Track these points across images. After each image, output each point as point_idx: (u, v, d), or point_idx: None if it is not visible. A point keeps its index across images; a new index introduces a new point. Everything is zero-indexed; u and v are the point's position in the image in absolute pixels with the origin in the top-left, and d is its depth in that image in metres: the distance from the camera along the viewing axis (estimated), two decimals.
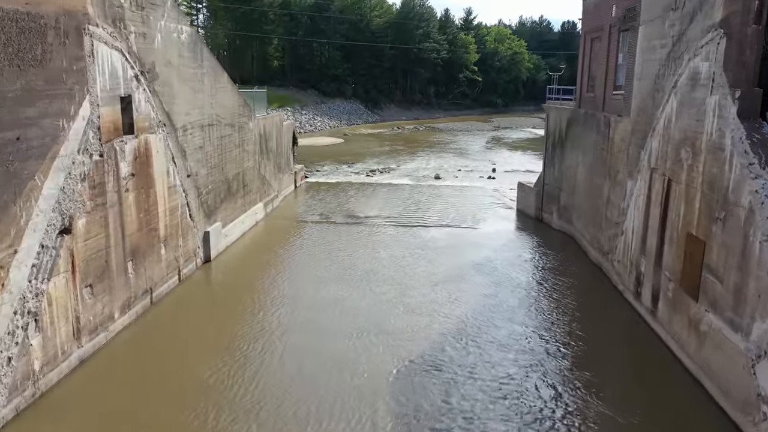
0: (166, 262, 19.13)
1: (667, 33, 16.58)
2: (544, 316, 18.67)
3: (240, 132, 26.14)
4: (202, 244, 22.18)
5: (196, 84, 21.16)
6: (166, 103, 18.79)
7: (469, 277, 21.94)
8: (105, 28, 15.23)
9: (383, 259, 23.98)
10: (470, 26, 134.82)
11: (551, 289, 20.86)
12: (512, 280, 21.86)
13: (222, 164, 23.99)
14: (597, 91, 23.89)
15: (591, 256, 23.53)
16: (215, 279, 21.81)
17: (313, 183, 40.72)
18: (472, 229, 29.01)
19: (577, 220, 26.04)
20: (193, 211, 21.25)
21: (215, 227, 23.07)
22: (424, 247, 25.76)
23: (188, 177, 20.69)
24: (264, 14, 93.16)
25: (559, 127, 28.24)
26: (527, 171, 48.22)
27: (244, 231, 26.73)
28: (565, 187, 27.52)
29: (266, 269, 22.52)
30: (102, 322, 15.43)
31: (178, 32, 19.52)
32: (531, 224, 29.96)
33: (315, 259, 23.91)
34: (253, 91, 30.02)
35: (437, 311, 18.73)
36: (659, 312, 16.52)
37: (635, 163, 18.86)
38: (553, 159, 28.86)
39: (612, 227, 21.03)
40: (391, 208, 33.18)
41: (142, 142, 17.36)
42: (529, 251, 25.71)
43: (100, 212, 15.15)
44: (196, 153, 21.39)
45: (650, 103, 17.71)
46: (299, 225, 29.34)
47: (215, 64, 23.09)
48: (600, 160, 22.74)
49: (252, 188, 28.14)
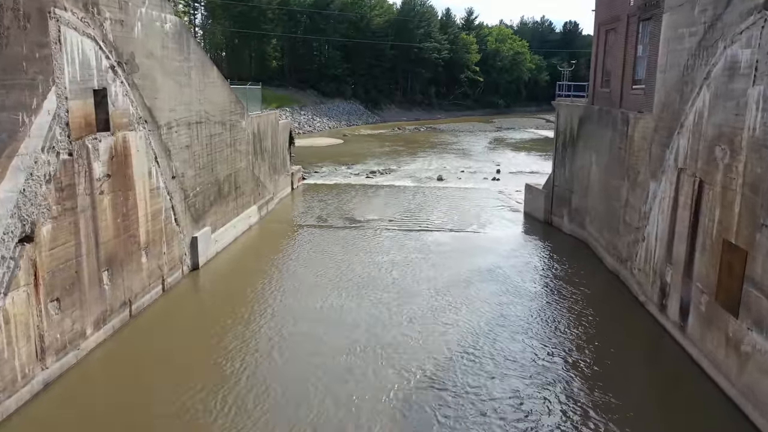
0: (147, 271, 17.57)
1: (698, 19, 15.01)
2: (558, 329, 17.10)
3: (232, 131, 24.58)
4: (189, 250, 20.61)
5: (182, 78, 19.61)
6: (147, 98, 17.25)
7: (475, 286, 20.37)
8: (75, 13, 13.68)
9: (384, 265, 22.41)
10: (471, 26, 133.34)
11: (565, 299, 19.29)
12: (522, 288, 20.30)
13: (212, 165, 22.44)
14: (613, 87, 22.33)
15: (607, 262, 21.96)
16: (203, 288, 20.24)
17: (312, 185, 39.17)
18: (477, 234, 27.44)
19: (590, 224, 24.47)
20: (179, 216, 19.69)
21: (204, 232, 21.51)
22: (427, 252, 24.20)
23: (173, 178, 19.13)
24: (263, 13, 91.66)
25: (570, 126, 26.68)
26: (532, 172, 46.68)
27: (236, 236, 25.16)
28: (576, 188, 25.96)
29: (258, 277, 20.96)
30: (72, 340, 13.87)
31: (161, 21, 17.97)
32: (540, 228, 28.39)
33: (311, 265, 22.34)
34: (246, 87, 28.48)
35: (442, 324, 17.20)
36: (689, 327, 14.95)
37: (659, 163, 17.30)
38: (563, 159, 27.30)
39: (631, 232, 19.46)
40: (392, 210, 31.62)
41: (120, 139, 15.80)
42: (539, 257, 24.14)
43: (69, 218, 13.59)
44: (183, 152, 19.83)
45: (677, 97, 16.15)
46: (295, 229, 27.78)
47: (204, 57, 21.54)
48: (617, 160, 21.18)
49: (245, 190, 26.58)
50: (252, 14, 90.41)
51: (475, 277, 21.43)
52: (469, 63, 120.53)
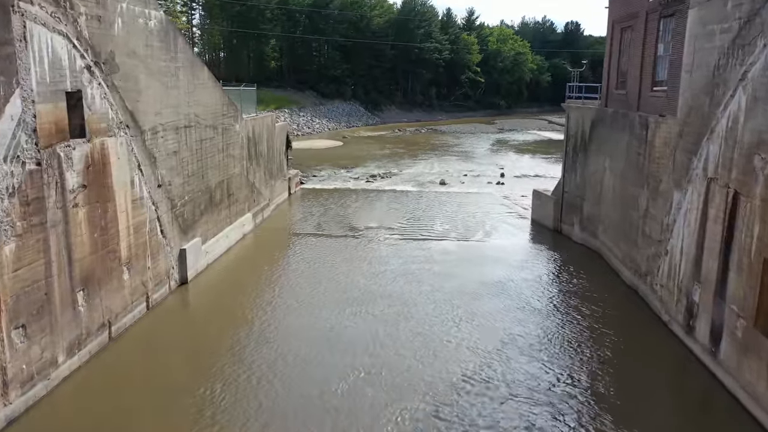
0: (130, 288, 16.20)
1: (731, 14, 13.66)
2: (574, 350, 15.75)
3: (224, 135, 23.22)
4: (177, 263, 19.25)
5: (168, 79, 18.25)
6: (129, 101, 15.89)
7: (483, 301, 19.04)
8: (43, 7, 12.33)
9: (385, 278, 21.08)
10: (472, 26, 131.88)
11: (580, 317, 17.93)
12: (533, 304, 18.95)
13: (202, 171, 21.07)
14: (629, 88, 20.98)
15: (624, 276, 20.59)
16: (191, 305, 18.88)
17: (310, 189, 37.80)
18: (483, 243, 26.08)
19: (603, 234, 23.10)
20: (166, 227, 18.33)
21: (193, 244, 20.15)
22: (431, 262, 22.85)
23: (159, 187, 17.77)
24: (261, 13, 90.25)
25: (581, 129, 25.32)
26: (537, 176, 45.35)
27: (229, 246, 23.79)
28: (588, 195, 24.60)
29: (251, 291, 19.59)
30: (40, 370, 12.50)
31: (144, 17, 16.61)
32: (549, 237, 27.02)
33: (308, 278, 20.98)
34: (240, 89, 27.11)
35: (447, 344, 15.93)
36: (722, 354, 13.58)
37: (684, 171, 15.94)
38: (574, 164, 25.94)
39: (652, 245, 18.10)
40: (393, 218, 30.25)
41: (97, 146, 14.44)
42: (550, 269, 22.78)
43: (36, 234, 12.23)
44: (170, 159, 18.47)
45: (706, 100, 14.79)
46: (292, 238, 26.41)
47: (193, 57, 20.18)
48: (634, 167, 19.83)
49: (239, 197, 25.22)
50: (250, 14, 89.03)
51: (482, 290, 20.09)
52: (470, 63, 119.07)
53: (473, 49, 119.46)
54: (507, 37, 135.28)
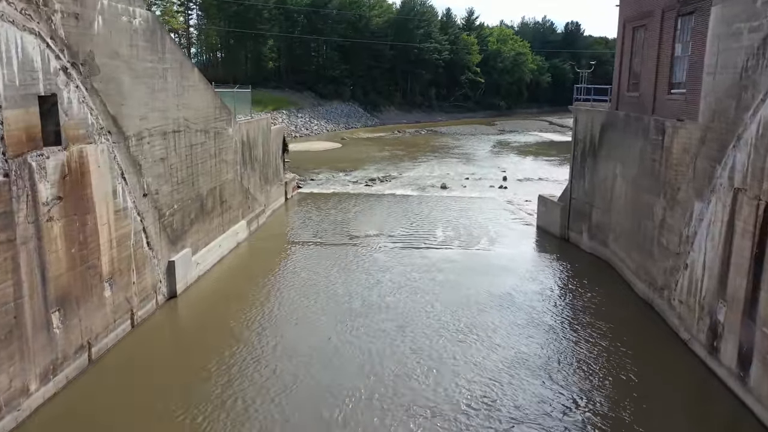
0: (112, 306, 15.11)
1: (762, 11, 12.59)
2: (586, 371, 14.68)
3: (216, 139, 22.13)
4: (165, 276, 18.16)
5: (155, 81, 17.16)
6: (111, 105, 14.80)
7: (488, 316, 17.99)
8: (11, 3, 11.25)
9: (386, 289, 20.03)
10: (472, 26, 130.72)
11: (592, 333, 16.86)
12: (541, 319, 17.88)
13: (192, 178, 19.98)
14: (643, 91, 19.91)
15: (637, 289, 19.52)
16: (180, 321, 17.79)
17: (307, 194, 36.69)
18: (487, 251, 25.00)
19: (614, 243, 22.03)
20: (152, 238, 17.23)
21: (183, 255, 19.06)
22: (432, 272, 21.79)
23: (145, 196, 16.67)
24: (259, 13, 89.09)
25: (590, 133, 24.25)
26: (540, 179, 44.34)
27: (222, 256, 22.70)
28: (598, 203, 23.53)
29: (244, 305, 18.49)
30: (9, 400, 11.41)
31: (128, 15, 15.52)
32: (556, 245, 25.94)
33: (305, 290, 19.90)
34: (233, 90, 26.02)
35: (451, 362, 14.93)
36: (753, 380, 12.51)
37: (706, 180, 14.87)
38: (582, 170, 24.87)
39: (670, 257, 17.03)
40: (393, 224, 29.17)
41: (75, 155, 13.35)
42: (558, 279, 21.70)
43: (3, 253, 11.14)
44: (157, 166, 17.38)
45: (732, 104, 13.72)
46: (288, 247, 25.30)
47: (183, 57, 19.09)
48: (649, 174, 18.76)
49: (232, 204, 24.12)
50: (248, 14, 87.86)
51: (487, 303, 19.06)
52: (470, 64, 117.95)
53: (473, 50, 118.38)
54: (507, 37, 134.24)
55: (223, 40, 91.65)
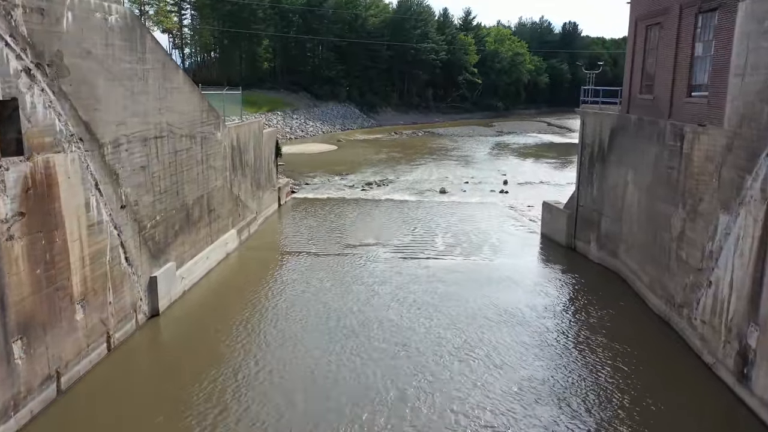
0: (85, 329, 13.81)
1: None
2: (604, 398, 13.45)
3: (204, 144, 20.83)
4: (146, 293, 16.86)
5: (135, 83, 15.86)
6: (83, 110, 13.50)
7: (492, 334, 16.81)
8: None
9: (382, 304, 18.87)
10: (469, 27, 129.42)
11: (606, 354, 15.62)
12: (549, 338, 16.66)
13: (177, 187, 18.69)
14: (658, 93, 18.69)
15: (652, 304, 18.30)
16: (161, 342, 16.50)
17: (301, 199, 35.38)
18: (489, 261, 23.74)
19: (626, 255, 20.81)
20: (132, 253, 15.93)
21: (167, 269, 17.76)
22: (432, 284, 20.59)
23: (123, 208, 15.37)
24: (253, 12, 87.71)
25: (599, 137, 23.03)
26: (542, 183, 43.14)
27: (209, 268, 21.41)
28: (607, 211, 22.31)
29: (233, 322, 17.21)
30: None
31: (103, 11, 14.22)
32: (562, 255, 24.70)
33: (298, 305, 18.65)
34: (222, 93, 24.70)
35: (453, 388, 13.72)
36: None
37: (734, 191, 13.65)
38: (590, 176, 23.64)
39: (690, 273, 15.80)
40: (391, 232, 27.90)
41: (40, 165, 12.06)
42: (567, 293, 20.46)
43: None
44: (137, 175, 16.08)
45: (764, 108, 12.50)
46: (280, 257, 24.00)
47: (165, 57, 17.79)
48: (665, 182, 17.54)
49: (221, 213, 22.82)
50: (242, 14, 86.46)
51: (491, 319, 17.89)
52: (468, 64, 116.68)
53: (470, 50, 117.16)
54: (504, 37, 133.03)
55: (217, 40, 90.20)
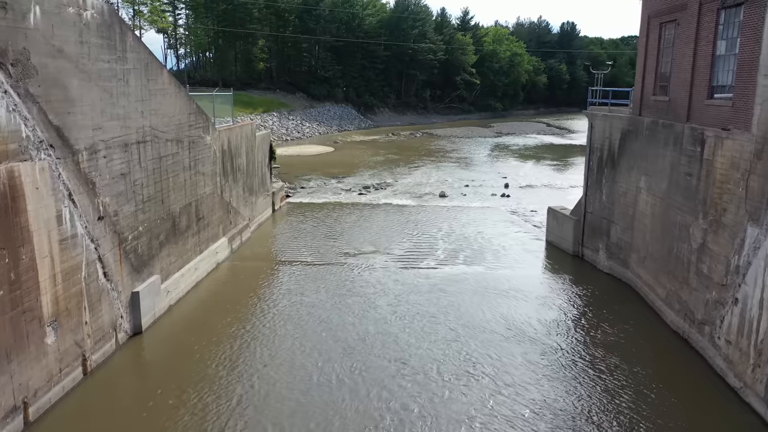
0: (56, 353, 12.64)
1: None
2: (624, 427, 12.35)
3: (192, 149, 19.67)
4: (127, 310, 15.69)
5: (114, 84, 14.69)
6: (54, 114, 12.34)
7: (498, 351, 15.80)
8: None
9: (381, 318, 17.87)
10: (467, 26, 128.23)
11: (623, 375, 14.52)
12: (560, 356, 15.58)
13: (162, 195, 17.52)
14: (674, 95, 17.59)
15: (668, 319, 17.19)
16: (144, 363, 15.33)
17: (297, 204, 34.20)
18: (493, 271, 22.61)
19: (638, 265, 19.70)
20: (111, 268, 14.76)
21: (150, 284, 16.59)
22: (434, 295, 19.55)
23: (100, 220, 14.20)
24: (249, 12, 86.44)
25: (608, 141, 21.92)
26: (545, 186, 42.04)
27: (198, 280, 20.24)
28: (617, 218, 21.20)
29: (220, 340, 16.06)
30: None
31: (76, 6, 13.04)
32: (569, 264, 23.59)
33: (292, 320, 17.55)
34: (212, 94, 23.52)
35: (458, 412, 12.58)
36: None
37: (764, 201, 12.54)
38: (599, 181, 22.53)
39: (712, 288, 14.69)
40: (389, 239, 26.75)
41: (3, 175, 10.90)
42: (576, 306, 19.33)
43: None
44: (117, 184, 14.91)
45: None
46: (274, 267, 22.81)
47: (149, 57, 16.61)
48: (683, 189, 16.44)
49: (211, 220, 21.65)
50: (237, 13, 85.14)
51: (497, 334, 16.91)
52: (466, 65, 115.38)
53: (468, 50, 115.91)
54: (503, 37, 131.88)
55: (212, 40, 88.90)
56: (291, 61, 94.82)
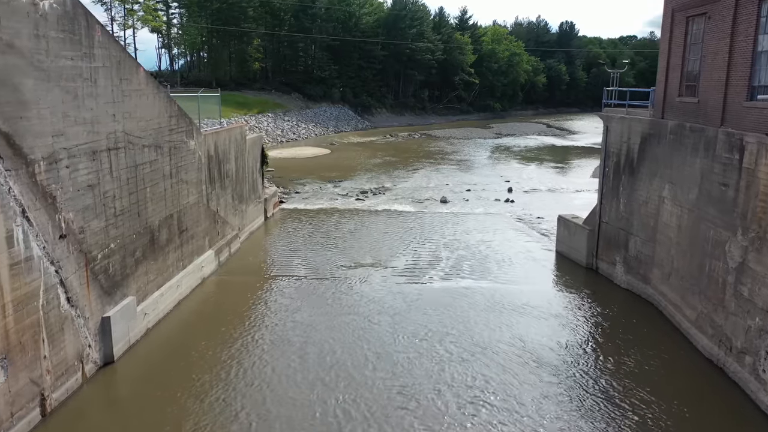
0: (7, 396, 10.93)
1: None
2: None
3: (173, 155, 17.96)
4: (97, 338, 13.98)
5: (79, 84, 12.98)
6: (2, 118, 10.63)
7: (510, 378, 14.25)
8: None
9: (380, 339, 16.40)
10: (465, 26, 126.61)
11: (660, 417, 12.84)
12: (585, 392, 13.90)
13: (138, 207, 15.80)
14: (705, 95, 15.95)
15: (700, 345, 15.54)
16: (114, 398, 13.59)
17: (291, 210, 32.48)
18: (501, 285, 20.96)
19: (662, 282, 18.05)
20: (76, 292, 13.04)
21: (124, 307, 14.87)
22: (438, 312, 18.02)
23: (62, 239, 12.49)
24: (243, 11, 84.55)
25: (626, 145, 20.26)
26: (550, 190, 40.41)
27: (181, 298, 18.54)
28: (637, 229, 19.56)
29: (201, 368, 14.39)
30: None
31: None
32: (582, 277, 21.93)
33: (282, 344, 15.93)
34: (197, 95, 21.78)
35: None
36: None
37: None
38: (616, 189, 20.88)
39: (755, 314, 13.05)
40: (390, 249, 25.08)
41: None
42: (594, 328, 17.68)
43: None
44: (83, 196, 13.20)
45: None
46: (265, 282, 21.09)
47: (121, 53, 14.89)
48: (717, 201, 14.80)
49: (196, 232, 19.94)
50: (232, 12, 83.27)
51: (509, 359, 15.43)
52: (464, 64, 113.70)
53: (467, 50, 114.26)
54: (501, 37, 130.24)
55: (206, 39, 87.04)
56: (286, 61, 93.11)
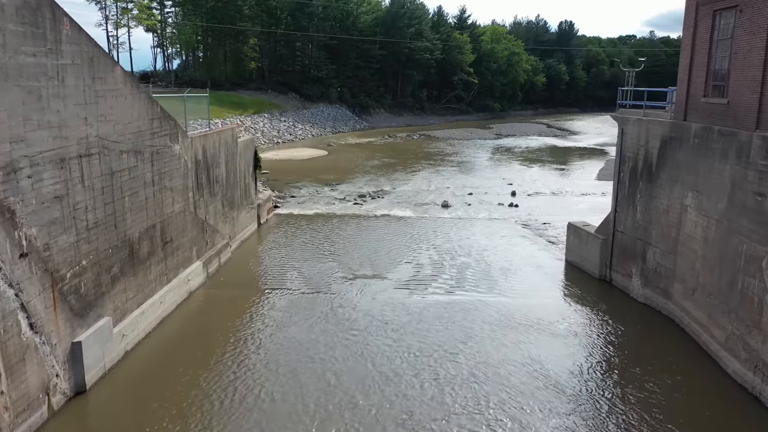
0: None
1: None
2: None
3: (156, 161, 16.56)
4: (66, 367, 12.59)
5: (42, 84, 11.59)
6: None
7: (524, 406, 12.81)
8: None
9: (381, 359, 15.03)
10: (464, 25, 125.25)
11: None
12: (602, 422, 12.50)
13: (116, 218, 14.41)
14: (735, 96, 14.61)
15: (730, 369, 14.19)
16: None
17: (286, 216, 31.07)
18: (509, 298, 19.62)
19: (685, 298, 16.70)
20: (40, 317, 11.64)
21: (97, 329, 13.47)
22: (443, 327, 16.65)
23: (23, 257, 11.09)
24: (239, 9, 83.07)
25: (644, 149, 18.91)
26: (554, 194, 39.05)
27: (164, 315, 17.14)
28: (656, 240, 18.22)
29: (186, 395, 13.02)
30: None
31: None
32: (595, 290, 20.58)
33: (276, 364, 14.65)
34: (183, 96, 20.36)
35: None
36: None
37: None
38: (632, 195, 19.53)
39: None
40: (389, 259, 23.68)
41: None
42: (612, 348, 16.32)
43: None
44: (48, 209, 11.81)
45: None
46: (256, 296, 19.67)
47: (95, 49, 13.48)
48: (751, 212, 13.46)
49: (182, 243, 18.55)
50: (227, 10, 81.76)
51: (522, 382, 14.22)
52: (463, 64, 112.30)
53: (466, 49, 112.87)
54: (500, 36, 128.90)
55: (201, 38, 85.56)
56: (283, 61, 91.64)
